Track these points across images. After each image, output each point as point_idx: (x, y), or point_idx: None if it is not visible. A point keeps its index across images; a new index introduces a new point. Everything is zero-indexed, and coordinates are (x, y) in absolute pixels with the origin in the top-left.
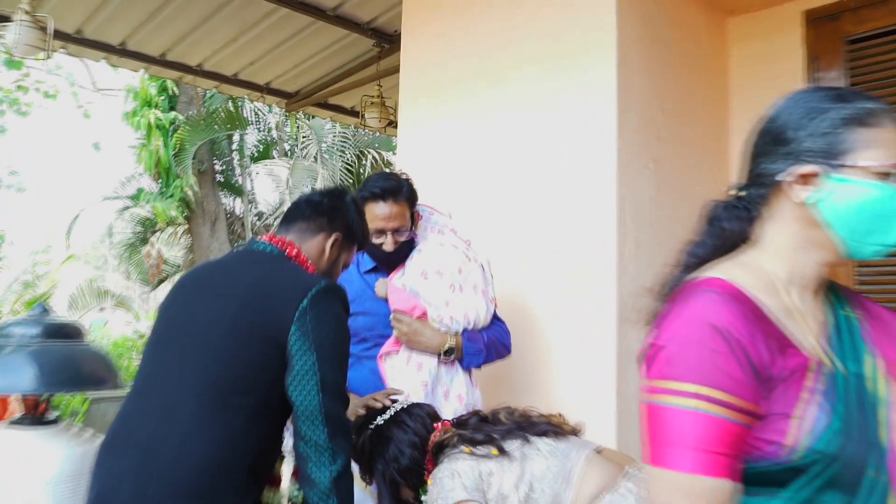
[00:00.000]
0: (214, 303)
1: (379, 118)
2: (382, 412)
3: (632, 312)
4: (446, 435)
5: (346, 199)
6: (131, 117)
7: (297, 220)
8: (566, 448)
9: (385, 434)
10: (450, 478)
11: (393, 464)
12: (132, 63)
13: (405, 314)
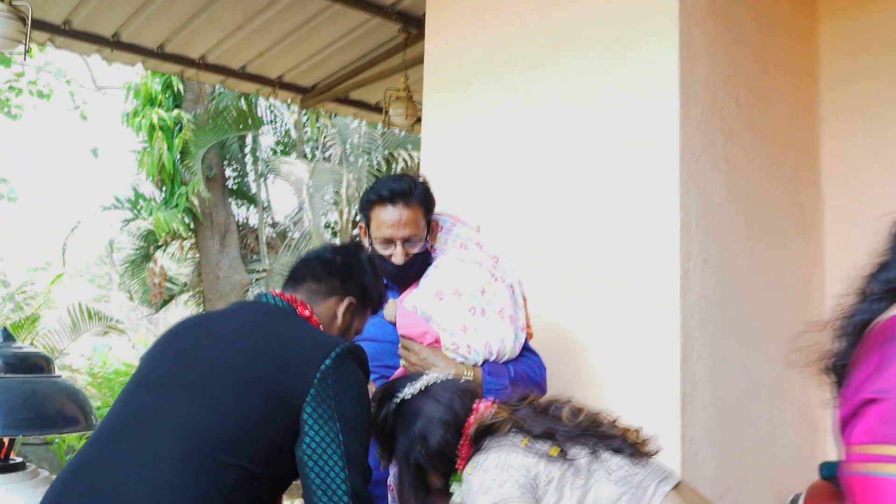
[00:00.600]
0: (220, 351)
1: (405, 115)
2: (412, 381)
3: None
4: (495, 419)
5: (361, 256)
6: (132, 118)
7: (306, 280)
8: (642, 478)
9: (413, 408)
10: (500, 469)
11: (419, 444)
12: (127, 56)
13: (414, 341)
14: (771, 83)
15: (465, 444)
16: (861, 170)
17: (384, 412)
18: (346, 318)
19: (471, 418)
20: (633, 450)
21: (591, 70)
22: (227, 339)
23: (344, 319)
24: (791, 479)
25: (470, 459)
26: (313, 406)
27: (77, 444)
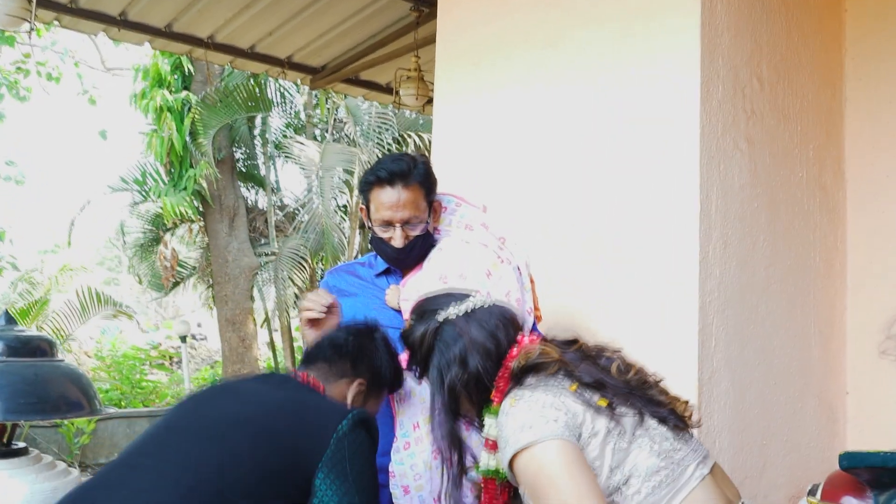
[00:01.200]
0: (240, 405)
1: (416, 95)
2: (456, 301)
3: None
4: (543, 357)
5: (375, 337)
6: (140, 100)
7: (317, 361)
8: (683, 455)
9: (455, 329)
10: (549, 407)
11: (457, 367)
12: (134, 36)
13: None
14: (795, 61)
15: (504, 376)
16: (885, 152)
17: (424, 328)
18: (358, 401)
19: (514, 350)
20: (679, 421)
21: (608, 46)
22: (248, 395)
23: (354, 402)
24: (810, 468)
25: (509, 393)
26: (329, 467)
27: (86, 428)
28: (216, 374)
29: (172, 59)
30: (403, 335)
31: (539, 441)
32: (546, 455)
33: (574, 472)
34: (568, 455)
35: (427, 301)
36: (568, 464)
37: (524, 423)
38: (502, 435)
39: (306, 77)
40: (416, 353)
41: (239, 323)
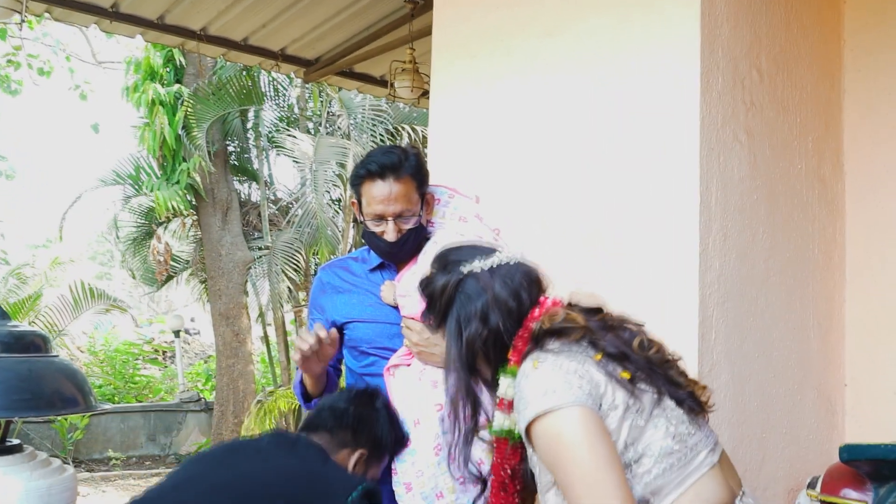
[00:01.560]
0: (259, 471)
1: (411, 87)
2: (483, 255)
3: None
4: (568, 323)
5: (375, 405)
6: (132, 93)
7: (319, 430)
8: (696, 441)
9: (479, 284)
10: (573, 374)
11: (477, 323)
12: (126, 28)
13: (417, 322)
14: (794, 53)
15: (523, 336)
16: (884, 145)
17: (446, 279)
18: (359, 469)
19: (536, 311)
20: (696, 405)
21: (608, 36)
22: (265, 458)
23: (355, 470)
24: (809, 461)
25: (528, 354)
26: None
27: (79, 423)
28: (210, 369)
29: (164, 52)
30: (423, 283)
31: (561, 406)
32: (567, 421)
33: (594, 441)
34: (590, 423)
35: (451, 252)
36: (589, 432)
37: (547, 387)
38: (522, 396)
39: (300, 70)
40: (434, 303)
41: (233, 317)
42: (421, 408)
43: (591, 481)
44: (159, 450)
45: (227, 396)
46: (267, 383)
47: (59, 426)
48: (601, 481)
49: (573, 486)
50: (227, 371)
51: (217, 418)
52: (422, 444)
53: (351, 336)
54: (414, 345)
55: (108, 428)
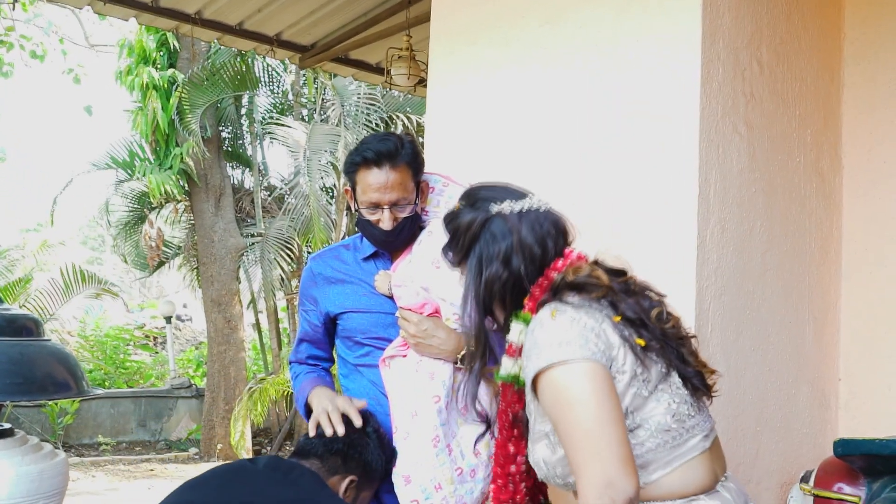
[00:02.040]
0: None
1: (408, 75)
2: (514, 198)
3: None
4: (592, 279)
5: (366, 429)
6: (125, 76)
7: (310, 457)
8: (693, 423)
9: (506, 225)
10: (589, 330)
11: (498, 265)
12: (120, 10)
13: (413, 312)
14: (794, 45)
15: (542, 285)
16: (883, 139)
17: (473, 216)
18: (349, 496)
19: (559, 261)
20: (702, 386)
21: (607, 25)
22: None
23: (346, 497)
24: (802, 455)
25: (545, 304)
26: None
27: (70, 408)
28: (201, 356)
29: (158, 36)
30: (448, 217)
31: (574, 360)
32: (578, 375)
33: (602, 398)
34: (600, 380)
35: (482, 189)
36: (598, 389)
37: (562, 338)
38: (535, 343)
39: (295, 56)
40: (458, 239)
41: (225, 304)
42: (418, 399)
43: (595, 437)
44: (149, 436)
45: (218, 383)
46: (259, 370)
47: (49, 411)
48: (604, 437)
49: (575, 440)
50: (219, 358)
51: (208, 405)
52: (419, 435)
53: (345, 326)
54: (410, 336)
55: (98, 413)
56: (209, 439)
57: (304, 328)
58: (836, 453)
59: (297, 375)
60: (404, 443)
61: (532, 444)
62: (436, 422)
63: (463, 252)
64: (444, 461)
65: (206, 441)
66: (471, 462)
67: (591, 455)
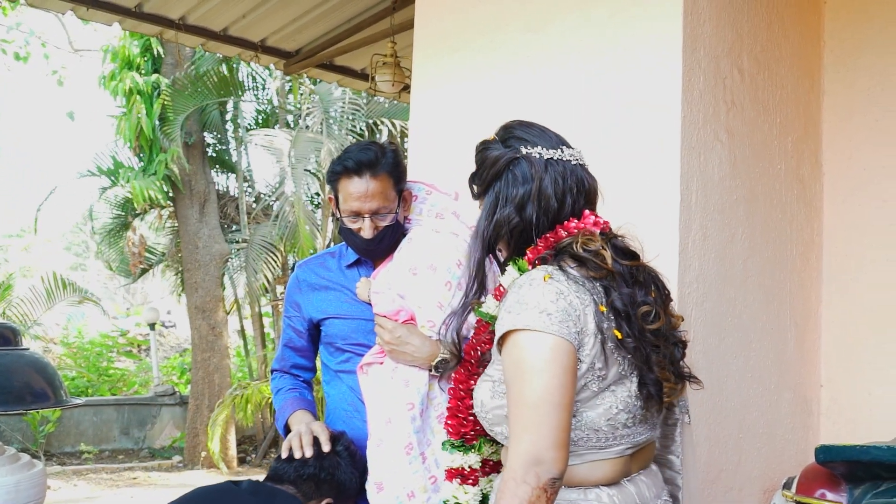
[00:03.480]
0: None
1: (392, 81)
2: (547, 146)
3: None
4: (597, 259)
5: (337, 449)
6: (108, 82)
7: (283, 482)
8: (627, 433)
9: (530, 170)
10: (573, 308)
11: (511, 209)
12: (103, 16)
13: (388, 319)
14: (775, 52)
15: (548, 240)
16: (862, 146)
17: (501, 153)
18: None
19: (573, 222)
20: (656, 396)
21: (590, 33)
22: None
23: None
24: (784, 461)
25: (545, 261)
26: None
27: (51, 416)
28: (185, 363)
29: (142, 41)
30: (480, 146)
31: (548, 332)
32: (545, 347)
33: (559, 376)
34: (565, 359)
35: (519, 127)
36: (562, 367)
37: (545, 307)
38: (519, 301)
39: (280, 61)
40: (482, 171)
41: (209, 310)
42: (392, 406)
43: (539, 412)
44: (133, 443)
45: (202, 390)
46: (244, 377)
47: (30, 419)
48: (547, 415)
49: (521, 407)
50: (203, 365)
51: (192, 412)
52: (393, 442)
53: (327, 332)
54: (385, 343)
55: (80, 421)
56: (193, 447)
57: (287, 334)
58: (817, 460)
59: (278, 390)
60: (378, 450)
61: (480, 381)
62: (409, 429)
63: (484, 186)
64: (417, 469)
65: (190, 449)
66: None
67: (529, 427)
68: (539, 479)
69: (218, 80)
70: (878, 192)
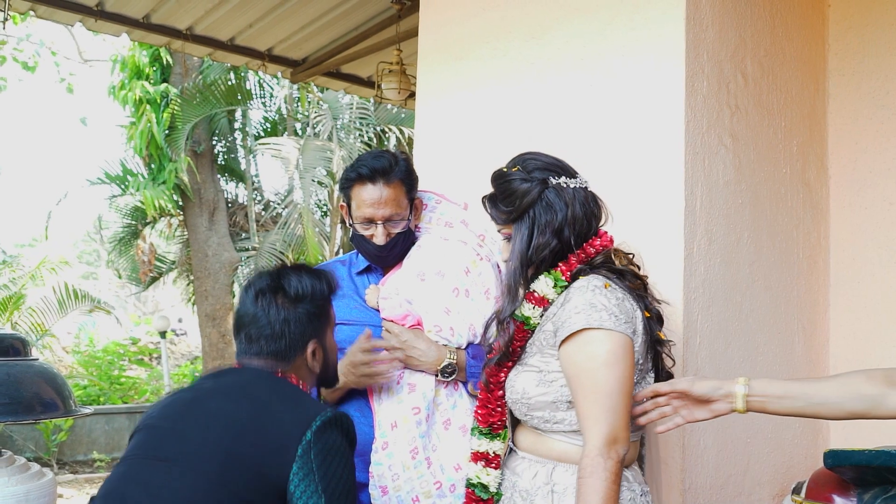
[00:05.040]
0: (208, 430)
1: (398, 89)
2: (567, 175)
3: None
4: (631, 269)
5: (279, 285)
6: (118, 91)
7: (260, 358)
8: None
9: (562, 199)
10: (632, 314)
11: (550, 234)
12: (111, 27)
13: (395, 324)
14: (779, 56)
15: (579, 256)
16: (868, 149)
17: (530, 185)
18: (319, 356)
19: (597, 240)
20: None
21: (593, 40)
22: (211, 416)
23: (316, 361)
24: (794, 466)
25: (582, 273)
26: (296, 482)
27: (63, 425)
28: (196, 371)
29: (151, 51)
30: (499, 177)
31: (618, 330)
32: (617, 344)
33: (627, 370)
34: (630, 356)
35: (537, 159)
36: (627, 361)
37: (614, 311)
38: (591, 304)
39: (287, 70)
40: (513, 201)
41: (219, 318)
42: (398, 411)
43: (615, 399)
44: None
45: None
46: None
47: (43, 427)
48: (620, 402)
49: (598, 395)
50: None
51: None
52: (399, 446)
53: (336, 338)
54: (393, 348)
55: (92, 429)
56: None
57: None
58: (825, 465)
59: None
60: (382, 453)
61: (517, 373)
62: (415, 433)
63: (517, 214)
64: (422, 473)
65: None
66: (451, 477)
67: (607, 412)
68: (618, 454)
69: (226, 88)
70: (885, 194)
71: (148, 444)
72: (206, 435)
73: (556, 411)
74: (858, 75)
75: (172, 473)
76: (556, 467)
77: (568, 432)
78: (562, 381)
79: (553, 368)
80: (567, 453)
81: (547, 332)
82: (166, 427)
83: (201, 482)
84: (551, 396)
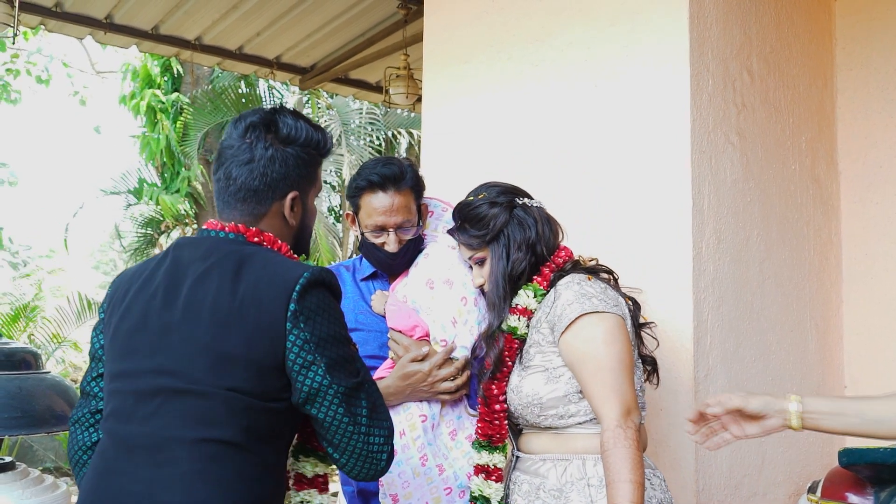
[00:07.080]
0: (185, 326)
1: (406, 93)
2: (528, 197)
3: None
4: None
5: (265, 125)
6: (129, 101)
7: (233, 211)
8: (642, 402)
9: (530, 217)
10: (617, 297)
11: (525, 250)
12: (121, 39)
13: (402, 334)
14: (785, 53)
15: (550, 267)
16: (878, 143)
17: (498, 209)
18: (298, 209)
19: (562, 252)
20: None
21: (597, 41)
22: (185, 302)
23: (294, 217)
24: (809, 465)
25: (561, 277)
26: (293, 356)
27: None
28: None
29: (162, 61)
30: (467, 206)
31: (612, 311)
32: (614, 324)
33: (627, 347)
34: (626, 334)
35: (497, 186)
36: (625, 339)
37: (603, 296)
38: (582, 294)
39: (295, 77)
40: (486, 223)
41: None
42: (406, 419)
43: (622, 374)
44: None
45: None
46: None
47: (62, 438)
48: (626, 376)
49: (605, 372)
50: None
51: None
52: (407, 455)
53: None
54: (397, 358)
55: None
56: None
57: None
58: (840, 463)
59: None
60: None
61: (522, 378)
62: (423, 440)
63: (492, 236)
64: (433, 480)
65: None
66: (463, 483)
67: (618, 387)
68: (635, 423)
69: (237, 96)
70: (894, 189)
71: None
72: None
73: (569, 404)
74: (867, 70)
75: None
76: (587, 460)
77: (584, 423)
78: (568, 375)
79: (557, 364)
80: (591, 446)
81: (544, 331)
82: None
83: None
84: (561, 391)
